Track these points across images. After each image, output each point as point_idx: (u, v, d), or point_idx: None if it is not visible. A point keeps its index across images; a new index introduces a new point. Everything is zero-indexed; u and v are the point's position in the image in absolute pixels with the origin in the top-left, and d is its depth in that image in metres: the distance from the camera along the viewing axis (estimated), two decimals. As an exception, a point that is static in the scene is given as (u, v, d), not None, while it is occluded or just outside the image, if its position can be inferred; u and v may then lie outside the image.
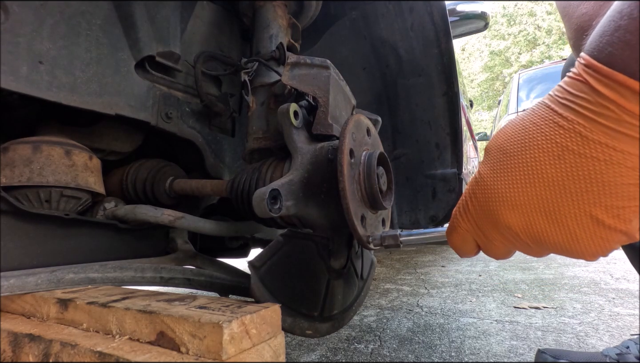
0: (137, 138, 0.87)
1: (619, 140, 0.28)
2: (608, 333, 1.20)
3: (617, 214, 0.29)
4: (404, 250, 3.70)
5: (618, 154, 0.28)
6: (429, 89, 1.11)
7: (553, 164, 0.31)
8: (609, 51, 0.28)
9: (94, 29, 0.67)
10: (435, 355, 1.10)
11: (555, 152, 0.31)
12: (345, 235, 0.61)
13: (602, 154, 0.29)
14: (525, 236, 0.34)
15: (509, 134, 0.36)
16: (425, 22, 1.04)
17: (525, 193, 0.33)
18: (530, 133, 0.33)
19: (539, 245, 0.34)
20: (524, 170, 0.33)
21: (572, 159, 0.30)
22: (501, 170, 0.35)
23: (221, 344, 0.32)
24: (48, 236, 0.61)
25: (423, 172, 1.17)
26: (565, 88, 0.32)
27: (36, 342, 0.40)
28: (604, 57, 0.29)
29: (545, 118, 0.32)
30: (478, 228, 0.38)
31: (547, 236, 0.33)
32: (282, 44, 0.75)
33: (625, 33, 0.27)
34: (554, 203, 0.31)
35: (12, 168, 0.61)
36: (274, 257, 0.53)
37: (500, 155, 0.36)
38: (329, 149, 0.56)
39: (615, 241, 0.30)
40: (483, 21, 2.68)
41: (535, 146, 0.33)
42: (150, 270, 0.63)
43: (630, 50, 0.27)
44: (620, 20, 0.28)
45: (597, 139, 0.29)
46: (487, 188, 0.36)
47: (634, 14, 0.27)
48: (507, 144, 0.35)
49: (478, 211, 0.37)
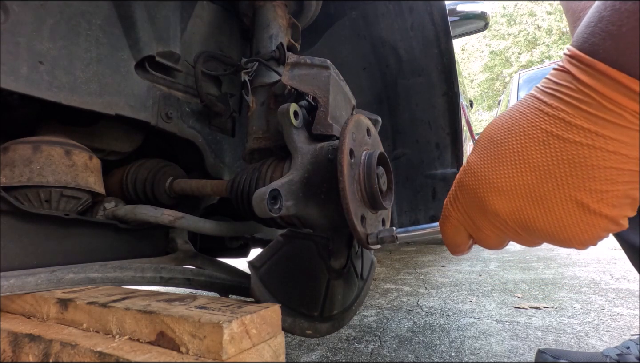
0: (137, 138, 0.87)
1: (601, 125, 0.29)
2: (608, 333, 1.20)
3: (601, 198, 0.30)
4: (404, 250, 3.70)
5: (600, 138, 0.29)
6: (429, 89, 1.11)
7: (538, 150, 0.32)
8: (591, 41, 0.29)
9: (94, 29, 0.67)
10: (435, 355, 1.10)
11: (540, 138, 0.32)
12: (345, 235, 0.61)
13: (585, 138, 0.29)
14: (512, 222, 0.34)
15: (498, 124, 0.36)
16: (425, 22, 1.04)
17: (512, 179, 0.33)
18: (517, 121, 0.34)
19: (527, 232, 0.34)
20: (511, 157, 0.34)
21: (556, 144, 0.31)
22: (489, 158, 0.35)
23: (221, 344, 0.32)
24: (48, 236, 0.61)
25: (423, 172, 1.17)
26: (550, 78, 0.33)
27: (36, 342, 0.40)
28: (587, 47, 0.30)
29: (531, 106, 0.33)
30: (468, 217, 0.38)
31: (534, 222, 0.33)
32: (282, 44, 0.75)
33: (607, 24, 0.28)
34: (539, 188, 0.32)
35: (12, 168, 0.61)
36: (274, 257, 0.53)
37: (488, 144, 0.36)
38: (329, 149, 0.56)
39: (602, 227, 0.31)
40: (483, 21, 2.68)
41: (521, 133, 0.33)
42: (150, 270, 0.63)
43: (611, 40, 0.28)
44: (604, 11, 0.29)
45: (580, 124, 0.30)
46: (475, 176, 0.36)
47: (616, 5, 0.28)
48: (495, 133, 0.36)
49: (467, 199, 0.37)
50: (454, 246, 0.42)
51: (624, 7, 0.27)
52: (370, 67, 1.18)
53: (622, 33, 0.27)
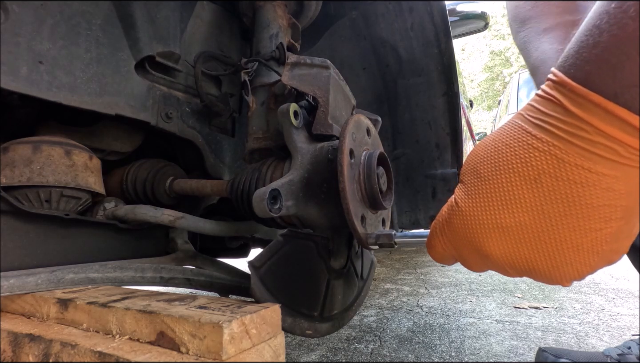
0: (137, 138, 0.87)
1: (593, 161, 0.27)
2: (608, 333, 1.20)
3: (595, 237, 0.29)
4: (404, 249, 3.70)
5: (593, 176, 0.28)
6: (429, 89, 1.11)
7: (530, 188, 0.30)
8: (586, 70, 0.27)
9: (94, 29, 0.67)
10: (435, 355, 1.10)
11: (531, 175, 0.30)
12: (345, 235, 0.61)
13: (577, 176, 0.28)
14: (504, 263, 0.33)
15: (482, 156, 0.34)
16: (425, 22, 1.04)
17: (504, 220, 0.31)
18: (504, 156, 0.32)
19: (517, 271, 0.34)
20: (501, 195, 0.32)
21: (549, 183, 0.29)
22: (477, 195, 0.34)
23: (221, 344, 0.32)
24: (48, 236, 0.61)
25: (423, 172, 1.17)
26: (537, 108, 0.31)
27: (36, 342, 0.40)
28: (581, 76, 0.27)
29: (519, 140, 0.31)
30: (455, 251, 0.38)
31: (527, 262, 0.32)
32: (282, 44, 0.75)
33: (603, 51, 0.26)
34: (533, 229, 0.30)
35: (12, 168, 0.61)
36: (274, 257, 0.53)
37: (474, 179, 0.34)
38: (329, 149, 0.56)
39: (593, 265, 0.30)
40: (483, 21, 2.68)
41: (510, 169, 0.31)
42: (150, 270, 0.63)
43: (609, 69, 0.26)
44: (599, 36, 0.26)
45: (573, 161, 0.28)
46: (464, 216, 0.35)
47: (613, 31, 0.25)
48: (480, 167, 0.34)
49: (456, 237, 0.36)
50: (439, 262, 0.43)
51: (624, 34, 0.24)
52: (370, 67, 1.18)
53: (622, 65, 0.25)
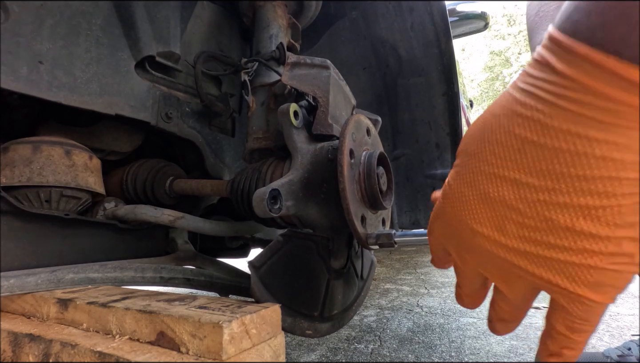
0: (137, 138, 0.87)
1: (583, 125, 0.22)
2: (608, 333, 1.20)
3: (597, 216, 0.23)
4: (404, 249, 3.70)
5: (583, 141, 0.23)
6: (429, 89, 1.11)
7: (514, 161, 0.26)
8: (574, 18, 0.23)
9: (94, 29, 0.67)
10: (435, 355, 1.10)
11: (515, 146, 0.26)
12: (345, 235, 0.61)
13: (564, 143, 0.23)
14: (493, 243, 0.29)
15: (472, 131, 0.31)
16: (425, 22, 1.04)
17: (489, 195, 0.28)
18: (490, 127, 0.28)
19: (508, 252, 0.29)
20: (485, 169, 0.28)
21: (533, 153, 0.25)
22: (464, 172, 0.30)
23: (221, 344, 0.32)
24: (48, 236, 0.61)
25: (423, 172, 1.17)
26: (527, 72, 0.26)
27: (36, 342, 0.40)
28: (569, 26, 0.23)
29: (505, 107, 0.27)
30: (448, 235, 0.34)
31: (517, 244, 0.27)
32: (282, 44, 0.75)
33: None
34: (520, 207, 0.26)
35: (12, 168, 0.61)
36: (274, 257, 0.53)
37: (464, 156, 0.31)
38: (329, 149, 0.56)
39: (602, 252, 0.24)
40: (483, 21, 2.69)
41: (494, 140, 0.27)
42: (150, 270, 0.63)
43: (597, 15, 0.21)
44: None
45: (558, 126, 0.23)
46: (453, 192, 0.31)
47: None
48: (469, 142, 0.30)
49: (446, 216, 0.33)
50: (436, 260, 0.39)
51: None
52: (370, 67, 1.18)
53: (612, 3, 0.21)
